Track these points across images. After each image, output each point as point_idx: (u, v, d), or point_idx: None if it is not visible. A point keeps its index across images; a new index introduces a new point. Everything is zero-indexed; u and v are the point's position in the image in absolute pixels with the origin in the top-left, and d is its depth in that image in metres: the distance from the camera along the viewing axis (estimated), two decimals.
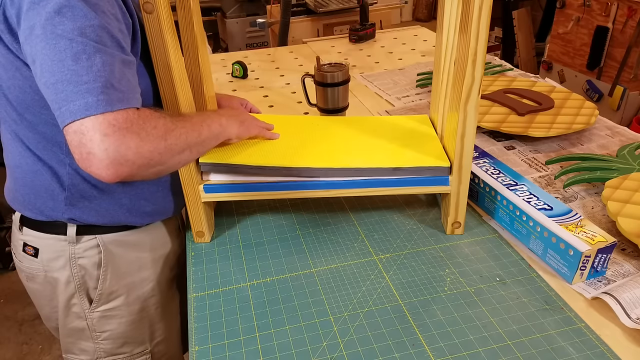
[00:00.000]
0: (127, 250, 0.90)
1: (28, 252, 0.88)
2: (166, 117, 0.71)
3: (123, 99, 0.64)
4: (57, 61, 0.62)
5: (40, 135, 0.78)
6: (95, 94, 0.62)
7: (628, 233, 0.82)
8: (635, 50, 2.58)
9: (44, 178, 0.81)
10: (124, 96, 0.64)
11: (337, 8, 2.48)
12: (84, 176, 0.81)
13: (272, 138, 0.95)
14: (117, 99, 0.63)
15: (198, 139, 0.76)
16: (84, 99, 0.61)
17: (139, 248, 0.91)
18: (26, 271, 0.91)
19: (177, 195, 0.93)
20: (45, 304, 0.94)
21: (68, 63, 0.62)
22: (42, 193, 0.82)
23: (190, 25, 0.84)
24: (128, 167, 0.64)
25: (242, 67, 1.66)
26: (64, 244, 0.85)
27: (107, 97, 0.62)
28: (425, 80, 1.54)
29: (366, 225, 0.95)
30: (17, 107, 0.76)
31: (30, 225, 0.87)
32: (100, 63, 0.63)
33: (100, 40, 0.64)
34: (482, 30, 0.72)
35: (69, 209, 0.83)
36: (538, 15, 3.73)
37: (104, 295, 0.90)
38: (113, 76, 0.64)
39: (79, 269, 0.87)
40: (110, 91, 0.63)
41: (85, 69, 0.62)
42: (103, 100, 0.62)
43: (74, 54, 0.62)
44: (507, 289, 0.79)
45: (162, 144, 0.67)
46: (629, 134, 1.21)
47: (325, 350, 0.71)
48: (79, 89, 0.61)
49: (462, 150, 0.83)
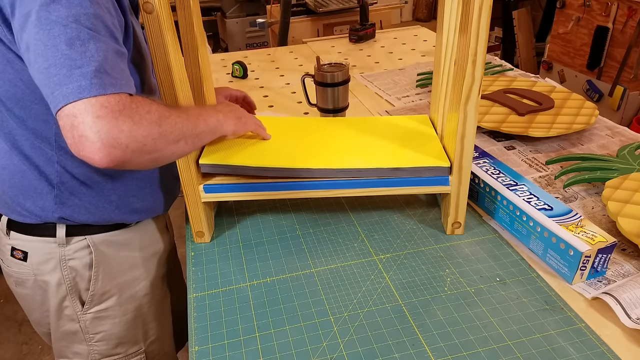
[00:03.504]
0: (118, 249, 0.89)
1: (16, 256, 0.87)
2: (160, 104, 0.70)
3: (116, 83, 0.64)
4: (51, 46, 0.62)
5: (29, 131, 0.78)
6: (89, 78, 0.61)
7: (628, 233, 0.82)
8: (635, 50, 2.58)
9: (32, 177, 0.81)
10: (116, 82, 0.64)
11: (337, 8, 2.47)
12: (73, 173, 0.81)
13: (265, 138, 0.94)
14: (110, 83, 0.63)
15: (194, 130, 0.75)
16: (77, 82, 0.61)
17: (129, 247, 0.91)
18: (15, 276, 0.90)
19: (165, 192, 0.93)
20: (35, 309, 0.93)
21: (62, 48, 0.61)
22: (31, 193, 0.82)
23: (190, 26, 0.84)
24: (121, 150, 0.62)
25: (242, 67, 1.67)
26: (54, 246, 0.85)
27: (100, 80, 0.62)
28: (425, 80, 1.54)
29: (366, 225, 0.95)
30: (7, 102, 0.76)
31: (18, 229, 0.86)
32: (94, 49, 0.63)
33: (95, 28, 0.64)
34: (482, 30, 0.72)
35: (58, 207, 0.82)
36: (538, 15, 3.73)
37: (96, 296, 0.89)
38: (106, 62, 0.64)
39: (70, 270, 0.86)
40: (103, 76, 0.63)
41: (79, 54, 0.62)
42: (96, 84, 0.61)
43: (68, 39, 0.62)
44: (507, 289, 0.79)
45: (157, 129, 0.66)
46: (629, 134, 1.21)
47: (325, 350, 0.70)
48: (72, 72, 0.61)
49: (462, 150, 0.83)
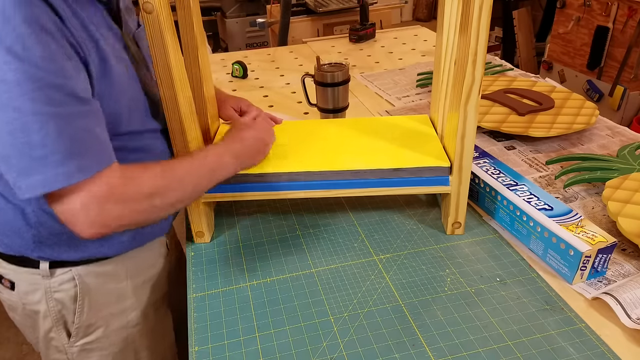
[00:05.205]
0: (105, 281, 0.86)
1: (5, 284, 0.84)
2: (155, 170, 0.65)
3: (86, 167, 0.59)
4: (7, 133, 0.56)
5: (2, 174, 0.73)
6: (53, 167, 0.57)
7: (628, 233, 0.82)
8: (635, 50, 2.57)
9: (10, 216, 0.77)
10: (88, 163, 0.59)
11: (337, 8, 2.47)
12: (51, 213, 0.75)
13: None
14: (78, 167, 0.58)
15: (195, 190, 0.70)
16: (41, 174, 0.57)
17: (116, 278, 0.87)
18: (6, 302, 0.88)
19: None
20: (28, 333, 0.91)
21: (18, 136, 0.56)
22: (8, 231, 0.78)
23: (190, 26, 0.84)
24: (112, 229, 0.62)
25: (242, 67, 1.66)
26: (39, 278, 0.82)
27: (66, 169, 0.57)
28: (425, 80, 1.53)
29: (366, 225, 0.95)
30: None
31: (4, 258, 0.83)
32: (55, 132, 0.57)
33: (52, 101, 0.58)
34: (482, 30, 0.72)
35: (37, 246, 0.79)
36: (538, 15, 3.73)
37: (81, 328, 0.86)
38: (73, 142, 0.58)
39: (55, 303, 0.83)
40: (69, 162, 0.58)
41: (38, 140, 0.56)
42: (62, 174, 0.57)
43: (23, 124, 0.56)
44: (507, 289, 0.79)
45: (148, 204, 0.63)
46: (629, 134, 1.21)
47: (325, 350, 0.70)
48: (33, 164, 0.56)
49: (462, 150, 0.83)
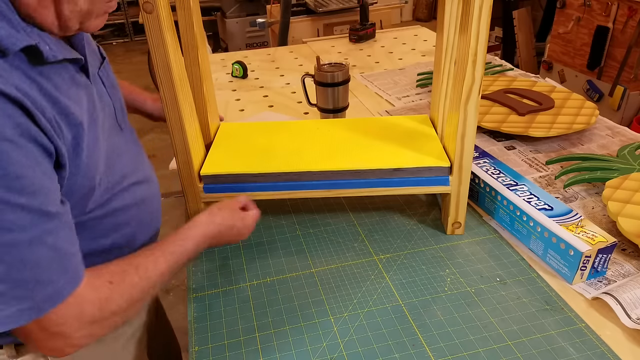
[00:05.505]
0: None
1: None
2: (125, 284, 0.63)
3: (56, 294, 0.57)
4: None
5: None
6: (16, 303, 0.54)
7: (628, 233, 0.82)
8: (635, 50, 2.57)
9: None
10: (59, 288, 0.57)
11: (337, 8, 2.47)
12: None
13: None
14: (48, 296, 0.56)
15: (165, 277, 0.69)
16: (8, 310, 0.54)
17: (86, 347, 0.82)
18: None
19: None
20: None
21: None
22: None
23: (190, 25, 0.84)
24: (82, 347, 0.61)
25: (242, 67, 1.66)
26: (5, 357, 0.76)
27: (32, 303, 0.55)
28: (425, 80, 1.53)
29: (366, 225, 0.95)
30: None
31: None
32: (18, 262, 0.54)
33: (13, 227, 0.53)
34: (482, 30, 0.72)
35: None
36: (538, 15, 3.73)
37: None
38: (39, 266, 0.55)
39: None
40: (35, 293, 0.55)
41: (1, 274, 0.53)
42: (27, 309, 0.55)
43: None
44: (507, 289, 0.79)
45: (123, 315, 0.63)
46: (629, 134, 1.21)
47: (325, 350, 0.70)
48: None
49: (462, 150, 0.83)
